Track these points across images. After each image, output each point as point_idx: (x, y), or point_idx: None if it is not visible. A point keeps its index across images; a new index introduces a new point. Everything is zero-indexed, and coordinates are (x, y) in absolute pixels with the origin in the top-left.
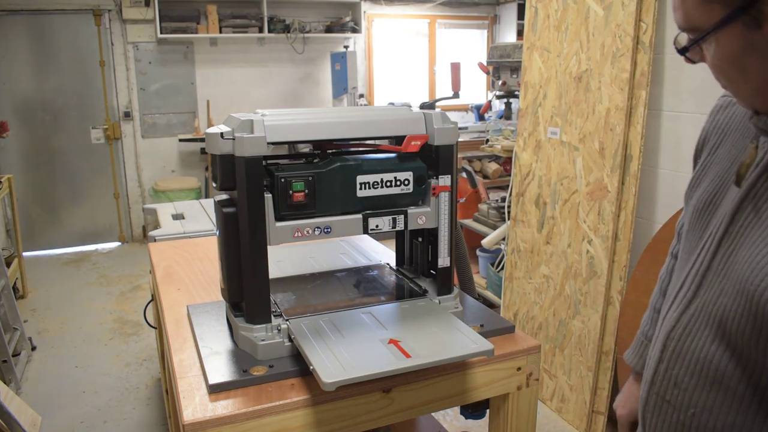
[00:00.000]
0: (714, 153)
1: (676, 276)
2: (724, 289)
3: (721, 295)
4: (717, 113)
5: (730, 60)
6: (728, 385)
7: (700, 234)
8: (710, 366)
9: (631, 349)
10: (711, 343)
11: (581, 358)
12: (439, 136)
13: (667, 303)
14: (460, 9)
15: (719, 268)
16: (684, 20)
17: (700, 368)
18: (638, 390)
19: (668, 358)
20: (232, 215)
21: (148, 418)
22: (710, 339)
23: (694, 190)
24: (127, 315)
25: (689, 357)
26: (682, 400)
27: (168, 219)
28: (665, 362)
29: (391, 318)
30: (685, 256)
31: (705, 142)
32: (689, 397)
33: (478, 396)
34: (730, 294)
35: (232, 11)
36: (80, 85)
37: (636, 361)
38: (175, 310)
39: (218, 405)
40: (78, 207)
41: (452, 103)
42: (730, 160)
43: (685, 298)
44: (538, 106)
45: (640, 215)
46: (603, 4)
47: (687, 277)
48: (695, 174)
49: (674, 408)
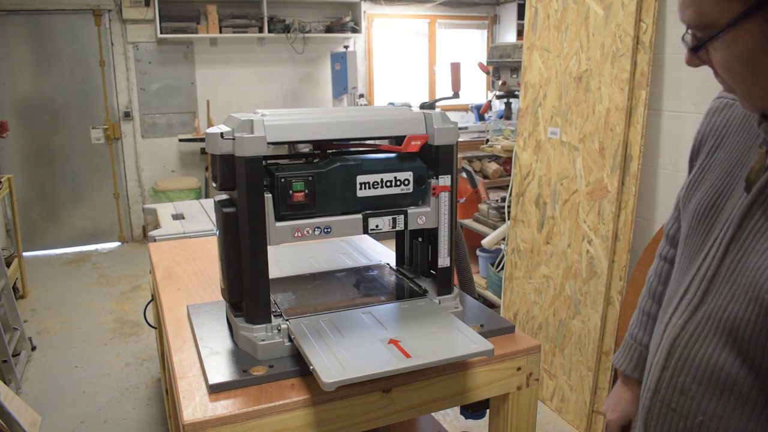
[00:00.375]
0: (712, 156)
1: (676, 281)
2: (735, 296)
3: (731, 301)
4: (713, 115)
5: (745, 58)
6: (740, 392)
7: (702, 238)
8: (720, 373)
9: (620, 352)
10: (721, 350)
11: (581, 358)
12: (439, 136)
13: (668, 309)
14: (460, 9)
15: (728, 273)
16: (696, 17)
17: (709, 375)
18: (628, 393)
19: (674, 366)
20: (232, 215)
21: (148, 418)
22: (720, 346)
23: (692, 193)
24: (127, 315)
25: (697, 364)
26: (690, 408)
27: (168, 219)
28: (671, 369)
29: (391, 318)
30: (686, 260)
31: (702, 145)
32: (697, 404)
33: (478, 396)
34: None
35: (232, 11)
36: (80, 85)
37: (626, 365)
38: (175, 310)
39: (218, 405)
40: (78, 207)
41: (452, 103)
42: (731, 163)
43: (690, 304)
44: (538, 106)
45: (640, 215)
46: (603, 4)
47: (692, 282)
48: (693, 177)
49: (680, 416)
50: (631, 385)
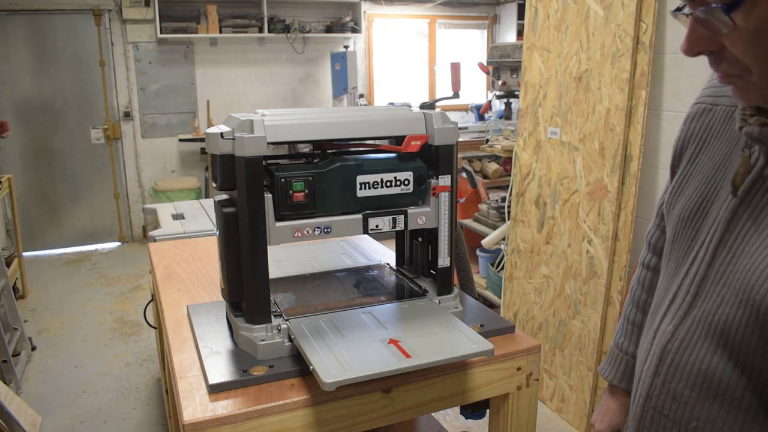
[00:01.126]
0: (694, 161)
1: (664, 287)
2: (725, 299)
3: (722, 304)
4: (693, 120)
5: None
6: (733, 395)
7: (688, 243)
8: (713, 377)
9: (606, 362)
10: (713, 354)
11: (581, 358)
12: (439, 136)
13: (656, 315)
14: (460, 9)
15: (717, 277)
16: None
17: (701, 380)
18: (615, 403)
19: (666, 372)
20: (232, 215)
21: (148, 418)
22: (712, 350)
23: (676, 198)
24: (127, 315)
25: (689, 369)
26: (683, 414)
27: (168, 219)
28: (662, 376)
29: (391, 318)
30: (672, 266)
31: (683, 150)
32: (690, 410)
33: (478, 396)
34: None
35: (232, 11)
36: (80, 85)
37: (612, 375)
38: (175, 310)
39: (218, 405)
40: (78, 207)
41: (452, 103)
42: (713, 167)
43: (680, 309)
44: (538, 106)
45: (640, 215)
46: (603, 4)
47: (680, 287)
48: (675, 183)
49: (673, 422)
50: (618, 395)
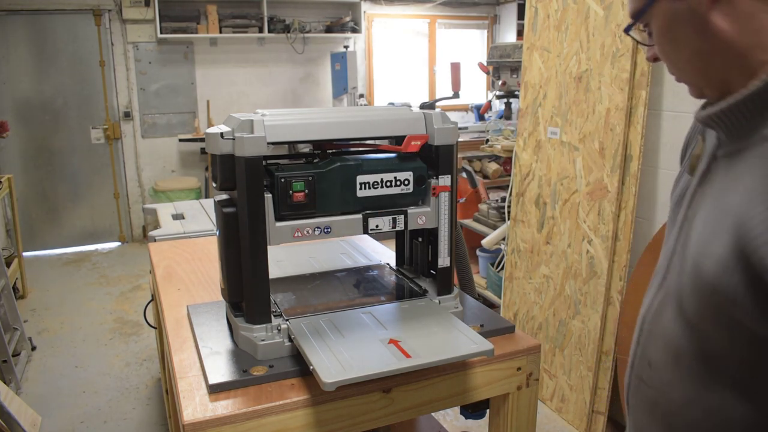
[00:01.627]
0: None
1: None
2: (683, 269)
3: (680, 273)
4: None
5: (664, 34)
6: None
7: (671, 226)
8: (672, 343)
9: None
10: (674, 321)
11: (581, 358)
12: (439, 136)
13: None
14: (460, 9)
15: (680, 249)
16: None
17: (666, 346)
18: None
19: (644, 341)
20: (232, 215)
21: (148, 418)
22: (673, 317)
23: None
24: (127, 315)
25: (659, 335)
26: (654, 378)
27: (168, 219)
28: (642, 345)
29: (391, 318)
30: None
31: (688, 145)
32: (659, 375)
33: (478, 396)
34: (686, 272)
35: (232, 11)
36: (80, 85)
37: None
38: (175, 310)
39: (218, 405)
40: (78, 207)
41: (452, 103)
42: None
43: (656, 283)
44: (538, 106)
45: (640, 215)
46: (603, 4)
47: (660, 263)
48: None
49: (648, 386)
50: None
